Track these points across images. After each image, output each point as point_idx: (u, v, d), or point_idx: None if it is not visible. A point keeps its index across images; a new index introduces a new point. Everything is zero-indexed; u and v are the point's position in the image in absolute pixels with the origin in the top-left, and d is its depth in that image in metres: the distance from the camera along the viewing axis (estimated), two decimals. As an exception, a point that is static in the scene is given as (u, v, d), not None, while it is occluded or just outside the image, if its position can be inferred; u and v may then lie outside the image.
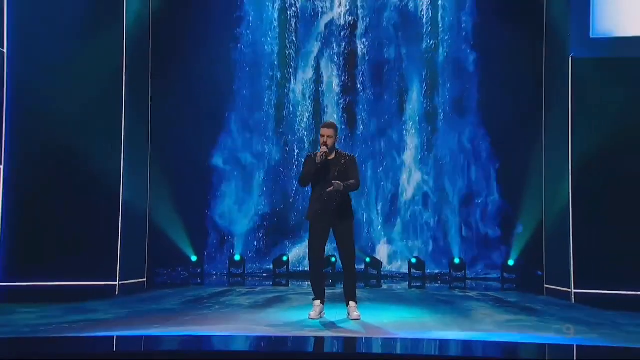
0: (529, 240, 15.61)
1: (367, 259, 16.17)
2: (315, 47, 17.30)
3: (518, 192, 15.93)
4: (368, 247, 16.84)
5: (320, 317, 8.16)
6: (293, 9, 17.25)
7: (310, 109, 17.39)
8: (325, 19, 17.26)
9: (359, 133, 17.31)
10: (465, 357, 7.06)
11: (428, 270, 16.29)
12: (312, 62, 17.47)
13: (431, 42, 17.17)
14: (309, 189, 8.86)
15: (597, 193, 11.94)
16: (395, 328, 7.92)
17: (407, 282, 15.72)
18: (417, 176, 17.17)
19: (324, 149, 7.99)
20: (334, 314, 8.49)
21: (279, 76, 17.34)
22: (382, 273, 16.36)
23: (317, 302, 8.23)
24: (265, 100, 17.22)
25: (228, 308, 10.18)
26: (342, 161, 8.16)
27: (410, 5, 17.11)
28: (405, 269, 16.44)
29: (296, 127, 17.40)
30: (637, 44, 12.07)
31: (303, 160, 8.75)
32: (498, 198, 16.53)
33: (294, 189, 16.97)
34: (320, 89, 17.45)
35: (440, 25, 17.08)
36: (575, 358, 6.86)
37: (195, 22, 16.30)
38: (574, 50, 12.16)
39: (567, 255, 12.22)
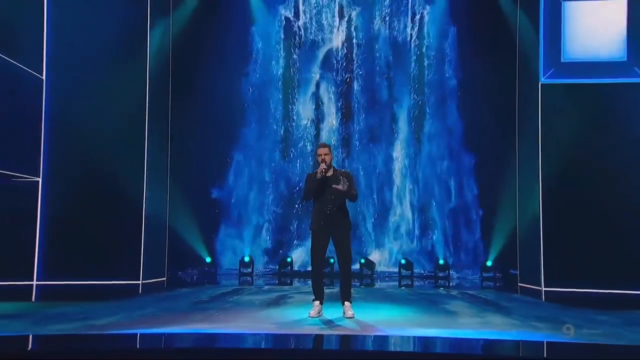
0: (505, 244, 15.70)
1: (362, 260, 16.29)
2: (315, 70, 17.42)
3: (496, 203, 16.12)
4: (363, 250, 16.97)
5: (319, 316, 8.24)
6: (295, 41, 17.46)
7: (310, 126, 17.52)
8: (324, 44, 17.40)
9: (354, 143, 17.38)
10: (445, 353, 6.98)
11: (416, 270, 16.37)
12: (312, 86, 17.55)
13: (417, 70, 17.32)
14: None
15: (563, 205, 12.13)
16: (385, 325, 7.99)
17: (398, 282, 15.72)
18: (406, 188, 17.32)
19: (323, 165, 8.09)
20: (331, 312, 8.49)
21: (282, 98, 17.47)
22: (376, 273, 16.41)
23: (317, 302, 8.31)
24: (272, 118, 17.36)
25: (238, 306, 10.14)
26: (341, 177, 8.18)
27: (399, 37, 17.27)
28: (396, 269, 16.59)
29: (299, 143, 17.51)
30: (605, 68, 12.13)
31: (304, 178, 8.78)
32: (478, 208, 16.68)
33: (296, 198, 17.09)
34: (319, 108, 17.56)
35: (425, 51, 17.22)
36: (545, 354, 6.92)
37: (209, 54, 16.40)
38: (544, 75, 12.28)
39: (537, 257, 12.37)
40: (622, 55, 12.02)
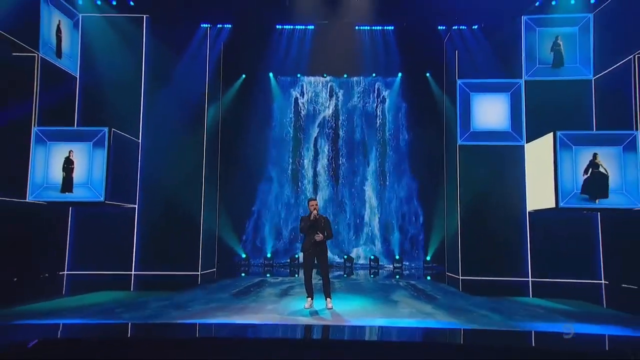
0: (437, 245, 16.04)
1: (345, 257, 16.71)
2: (315, 129, 17.76)
3: (431, 218, 16.57)
4: (345, 249, 17.23)
5: (310, 307, 8.21)
6: (302, 109, 17.74)
7: (311, 164, 17.68)
8: (321, 112, 17.72)
9: (341, 177, 17.58)
10: (387, 341, 6.72)
11: (381, 264, 16.70)
12: (312, 141, 17.86)
13: (380, 129, 17.64)
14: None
15: (472, 220, 12.49)
16: (349, 316, 7.79)
17: (368, 271, 16.04)
18: (374, 207, 17.47)
19: (314, 213, 8.19)
20: (318, 304, 8.33)
21: (292, 145, 17.68)
22: (355, 265, 16.71)
23: (309, 299, 8.34)
24: (286, 162, 17.63)
25: (260, 298, 9.62)
26: (322, 221, 8.21)
27: (369, 108, 17.65)
28: (367, 263, 16.95)
29: (304, 179, 17.69)
30: (498, 135, 12.48)
31: (300, 218, 8.75)
32: (422, 221, 17.02)
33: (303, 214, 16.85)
34: (317, 153, 17.74)
35: (388, 115, 17.51)
36: (461, 339, 6.73)
37: (244, 121, 16.83)
38: (460, 139, 12.59)
39: (457, 255, 12.73)
40: (507, 127, 12.42)
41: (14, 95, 10.68)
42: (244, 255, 16.72)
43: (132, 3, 12.30)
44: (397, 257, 16.66)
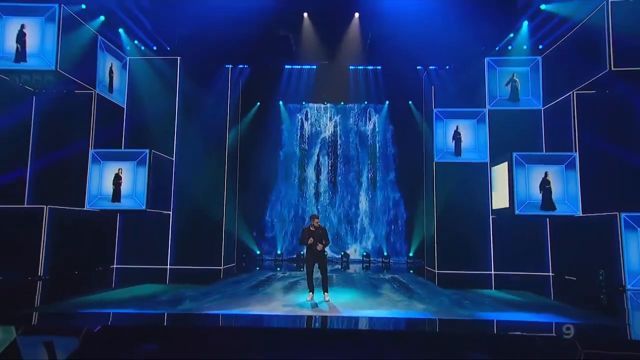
0: (418, 243, 16.01)
1: (342, 253, 16.60)
2: (317, 148, 17.64)
3: (413, 221, 16.52)
4: (343, 247, 17.06)
5: (311, 300, 8.02)
6: (307, 128, 17.69)
7: (314, 178, 17.51)
8: (322, 133, 17.64)
9: (339, 186, 17.39)
10: (375, 329, 6.63)
11: (372, 259, 16.63)
12: (315, 157, 17.66)
13: (371, 147, 17.53)
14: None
15: (446, 223, 12.89)
16: (343, 307, 7.65)
17: (361, 265, 15.85)
18: (366, 211, 17.30)
19: (315, 223, 8.06)
20: (318, 296, 8.16)
21: (298, 161, 17.58)
22: (350, 260, 16.64)
23: (310, 293, 8.14)
24: (293, 174, 17.50)
25: (270, 292, 9.21)
26: (320, 230, 8.06)
27: (362, 129, 17.50)
28: (360, 258, 16.83)
29: (309, 189, 17.53)
30: (466, 154, 12.88)
31: (301, 230, 8.40)
32: (405, 223, 16.85)
33: (306, 220, 15.73)
34: (319, 167, 17.56)
35: (378, 136, 17.43)
36: (437, 328, 6.64)
37: (259, 142, 16.84)
38: (436, 157, 13.07)
39: (433, 252, 13.11)
40: (474, 147, 12.92)
41: (75, 124, 11.58)
42: (258, 252, 16.86)
43: (168, 48, 13.06)
44: (385, 253, 16.78)
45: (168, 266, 12.66)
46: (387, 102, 17.24)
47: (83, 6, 10.75)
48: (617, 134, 10.73)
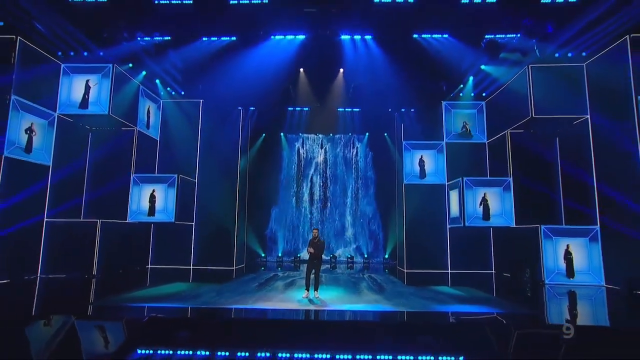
0: (392, 247, 16.51)
1: (330, 255, 17.04)
2: (311, 170, 18.13)
3: (389, 229, 16.97)
4: (332, 249, 17.39)
5: (307, 297, 8.10)
6: (303, 154, 18.17)
7: (308, 194, 17.91)
8: (315, 158, 18.14)
9: (328, 200, 17.78)
10: (353, 320, 6.74)
11: (355, 260, 17.06)
12: (309, 178, 18.21)
13: (354, 168, 18.01)
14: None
15: (413, 231, 13.49)
16: (330, 302, 7.76)
17: (346, 265, 16.16)
18: (350, 221, 17.76)
19: (315, 235, 8.40)
20: (310, 293, 8.29)
21: (295, 180, 18.06)
22: (338, 261, 17.01)
23: (306, 291, 8.25)
24: (292, 194, 17.99)
25: (274, 289, 9.30)
26: (319, 242, 8.29)
27: (348, 155, 18.08)
28: (345, 259, 17.20)
29: (304, 204, 17.99)
30: (430, 177, 13.52)
31: (308, 240, 8.98)
32: (382, 231, 17.27)
33: (305, 229, 17.55)
34: (313, 186, 17.97)
35: (360, 161, 17.96)
36: (399, 318, 6.84)
37: (264, 167, 17.32)
38: (405, 180, 13.76)
39: (403, 254, 13.72)
40: (434, 172, 13.71)
41: (120, 154, 12.44)
42: (263, 255, 17.14)
43: (191, 93, 14.03)
44: (365, 255, 17.18)
45: (191, 266, 13.18)
46: (367, 133, 17.91)
47: (130, 65, 11.90)
48: (539, 163, 11.95)
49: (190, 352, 4.93)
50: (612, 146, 9.88)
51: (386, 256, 16.90)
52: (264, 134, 17.44)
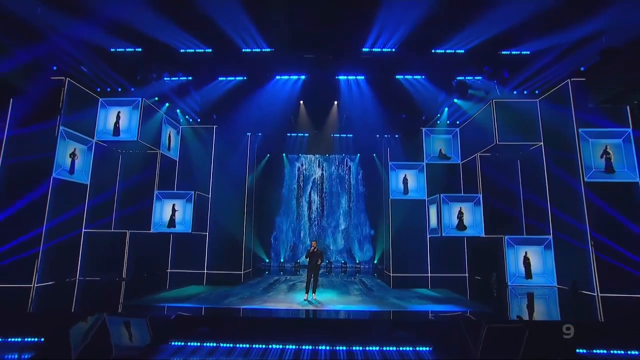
0: (381, 253, 16.71)
1: (327, 260, 16.94)
2: (309, 186, 18.34)
3: (377, 237, 17.17)
4: (329, 255, 17.53)
5: (307, 299, 8.30)
6: (302, 172, 18.34)
7: (307, 206, 18.05)
8: (313, 175, 18.32)
9: (325, 212, 17.92)
10: (346, 318, 6.92)
11: (348, 265, 17.24)
12: (308, 192, 18.38)
13: (347, 185, 18.26)
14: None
15: (398, 240, 13.70)
16: (327, 303, 8.04)
17: (340, 270, 16.50)
18: (344, 230, 17.93)
19: (314, 246, 8.68)
20: (309, 295, 8.52)
21: (295, 195, 18.22)
22: (332, 266, 17.12)
23: (306, 294, 8.45)
24: (293, 207, 18.16)
25: (277, 292, 9.53)
26: (318, 252, 8.54)
27: (342, 172, 18.32)
28: (339, 264, 17.34)
29: (304, 214, 18.13)
30: (412, 193, 13.78)
31: (307, 251, 8.86)
32: (372, 239, 17.47)
33: (304, 237, 17.74)
34: (310, 200, 17.95)
35: (352, 178, 18.17)
36: (382, 316, 7.08)
37: (268, 183, 17.53)
38: (391, 196, 14.05)
39: (389, 259, 13.93)
40: (416, 188, 14.12)
41: (145, 173, 12.92)
42: (267, 260, 17.33)
43: (206, 121, 14.56)
44: (357, 260, 17.41)
45: (205, 270, 13.20)
46: (358, 154, 18.29)
47: (156, 98, 12.51)
48: (503, 182, 12.63)
49: (214, 344, 5.22)
50: (559, 171, 10.57)
51: (375, 261, 17.08)
52: (268, 155, 17.78)
